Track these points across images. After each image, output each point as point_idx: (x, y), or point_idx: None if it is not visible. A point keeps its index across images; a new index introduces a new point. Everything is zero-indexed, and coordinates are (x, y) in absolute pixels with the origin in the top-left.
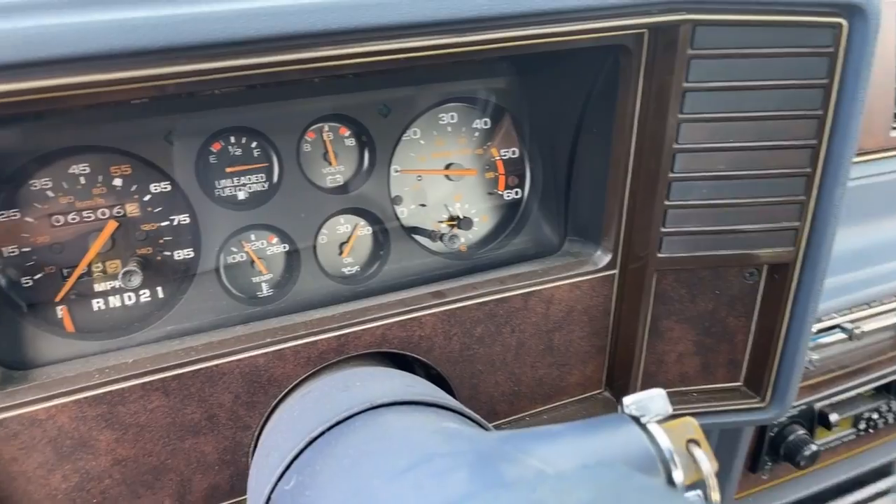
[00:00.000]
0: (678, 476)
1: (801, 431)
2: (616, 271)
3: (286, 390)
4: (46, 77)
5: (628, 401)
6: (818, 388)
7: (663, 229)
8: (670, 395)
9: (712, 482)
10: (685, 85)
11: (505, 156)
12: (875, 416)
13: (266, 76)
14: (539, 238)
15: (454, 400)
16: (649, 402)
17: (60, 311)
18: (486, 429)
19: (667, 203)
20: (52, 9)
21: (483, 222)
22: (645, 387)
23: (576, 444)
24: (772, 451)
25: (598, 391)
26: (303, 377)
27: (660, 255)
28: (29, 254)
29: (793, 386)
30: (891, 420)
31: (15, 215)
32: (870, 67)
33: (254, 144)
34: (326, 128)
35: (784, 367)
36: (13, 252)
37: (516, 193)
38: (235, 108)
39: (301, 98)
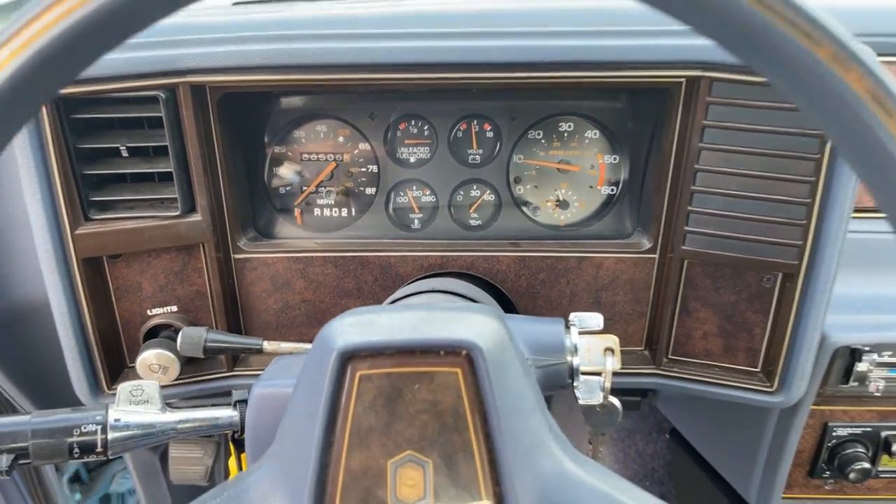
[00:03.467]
0: (575, 361)
1: (861, 449)
2: (656, 256)
3: (405, 284)
4: (315, 74)
5: (573, 314)
6: (888, 416)
7: (686, 228)
8: (696, 365)
9: (608, 377)
10: (704, 122)
11: (607, 161)
12: None
13: (445, 85)
14: (618, 226)
15: (492, 302)
16: (587, 318)
17: (296, 211)
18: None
19: (689, 209)
20: (334, 39)
21: (580, 207)
22: (676, 353)
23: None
24: (829, 461)
25: (638, 348)
26: (416, 278)
27: (684, 247)
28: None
29: (797, 382)
30: None
31: (283, 149)
32: None
33: (425, 127)
34: (475, 122)
35: (790, 364)
36: (276, 171)
37: (612, 190)
38: (417, 101)
39: (460, 100)
